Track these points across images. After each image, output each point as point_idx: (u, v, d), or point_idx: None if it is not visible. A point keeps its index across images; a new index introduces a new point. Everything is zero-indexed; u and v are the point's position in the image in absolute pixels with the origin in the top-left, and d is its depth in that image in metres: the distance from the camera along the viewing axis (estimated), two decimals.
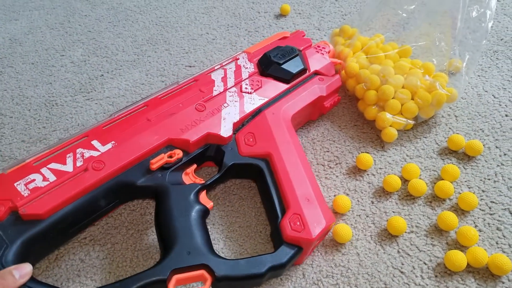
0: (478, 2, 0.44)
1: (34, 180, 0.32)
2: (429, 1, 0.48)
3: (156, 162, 0.35)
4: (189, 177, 0.37)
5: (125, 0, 0.72)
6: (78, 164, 0.34)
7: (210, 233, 0.39)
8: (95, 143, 0.35)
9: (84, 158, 0.34)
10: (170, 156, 0.36)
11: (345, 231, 0.37)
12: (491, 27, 0.57)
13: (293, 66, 0.45)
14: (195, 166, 0.39)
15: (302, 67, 0.45)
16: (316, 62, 0.47)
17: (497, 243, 0.36)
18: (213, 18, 0.66)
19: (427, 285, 0.34)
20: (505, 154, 0.42)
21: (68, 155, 0.34)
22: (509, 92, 0.48)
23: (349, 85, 0.48)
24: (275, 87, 0.43)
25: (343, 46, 0.51)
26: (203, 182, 0.37)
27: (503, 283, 0.33)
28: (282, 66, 0.44)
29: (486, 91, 0.49)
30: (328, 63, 0.47)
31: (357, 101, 0.48)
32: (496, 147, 0.43)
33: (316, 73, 0.46)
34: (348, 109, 0.49)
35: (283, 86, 0.44)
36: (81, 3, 0.72)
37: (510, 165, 0.41)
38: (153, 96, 0.41)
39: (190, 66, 0.58)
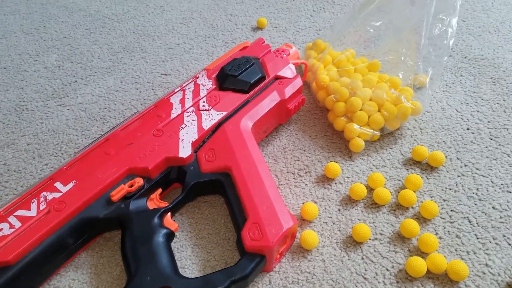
0: (440, 21, 0.47)
1: (1, 229, 0.33)
2: (396, 19, 0.50)
3: (116, 194, 0.36)
4: (154, 202, 0.38)
5: (103, 8, 0.72)
6: (42, 207, 0.35)
7: (178, 239, 0.39)
8: (57, 184, 0.36)
9: (47, 201, 0.35)
10: (131, 185, 0.37)
11: (312, 237, 0.37)
12: (456, 45, 0.60)
13: (250, 75, 0.45)
14: (160, 190, 0.39)
15: (260, 75, 0.45)
16: (275, 66, 0.47)
17: (456, 250, 0.37)
18: (191, 29, 0.67)
19: None
20: (465, 165, 0.44)
21: (32, 201, 0.35)
22: (471, 107, 0.51)
23: (319, 96, 0.50)
24: (234, 99, 0.44)
25: (315, 60, 0.53)
26: (166, 205, 0.37)
27: None
28: (238, 77, 0.45)
29: (449, 106, 0.51)
30: (287, 66, 0.47)
31: (327, 112, 0.49)
32: (458, 158, 0.45)
33: (277, 77, 0.47)
34: (318, 120, 0.50)
35: (242, 97, 0.44)
36: (58, 10, 0.72)
37: (470, 176, 0.43)
38: (115, 129, 0.41)
39: (166, 75, 0.58)
